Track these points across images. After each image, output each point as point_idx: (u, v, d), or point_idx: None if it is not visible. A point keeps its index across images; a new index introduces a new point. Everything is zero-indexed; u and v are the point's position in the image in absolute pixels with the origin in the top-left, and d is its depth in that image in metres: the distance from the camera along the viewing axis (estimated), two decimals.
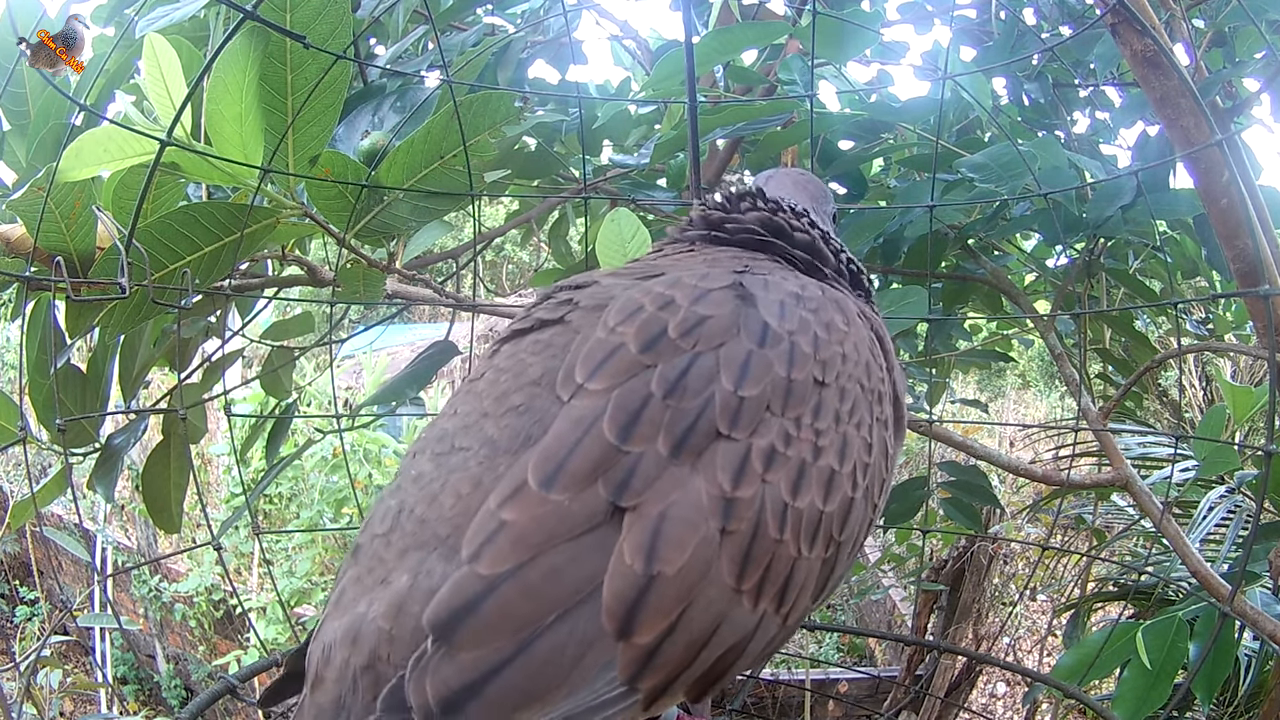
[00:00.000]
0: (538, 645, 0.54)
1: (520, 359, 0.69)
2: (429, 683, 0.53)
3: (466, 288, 2.19)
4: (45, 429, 1.29)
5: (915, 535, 2.08)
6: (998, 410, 7.72)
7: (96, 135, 1.04)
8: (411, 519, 0.63)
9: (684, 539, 0.56)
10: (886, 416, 0.71)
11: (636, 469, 0.57)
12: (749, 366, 0.62)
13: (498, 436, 0.64)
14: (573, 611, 0.55)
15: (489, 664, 0.53)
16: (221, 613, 5.31)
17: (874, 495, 0.68)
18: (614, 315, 0.66)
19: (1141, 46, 1.16)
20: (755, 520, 0.58)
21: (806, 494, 0.61)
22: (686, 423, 0.59)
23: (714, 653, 0.58)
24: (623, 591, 0.55)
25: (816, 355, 0.65)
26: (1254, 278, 1.23)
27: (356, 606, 0.60)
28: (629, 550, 0.55)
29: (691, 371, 0.61)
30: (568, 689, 0.54)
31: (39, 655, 1.66)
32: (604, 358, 0.63)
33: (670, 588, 0.55)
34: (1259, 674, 1.91)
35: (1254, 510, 1.12)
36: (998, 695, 4.58)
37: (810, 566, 0.62)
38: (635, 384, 0.61)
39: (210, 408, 1.57)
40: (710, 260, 0.78)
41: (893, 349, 0.78)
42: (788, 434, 0.61)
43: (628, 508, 0.57)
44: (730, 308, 0.65)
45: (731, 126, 1.53)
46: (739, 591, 0.58)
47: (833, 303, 0.70)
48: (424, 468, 0.66)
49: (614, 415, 0.59)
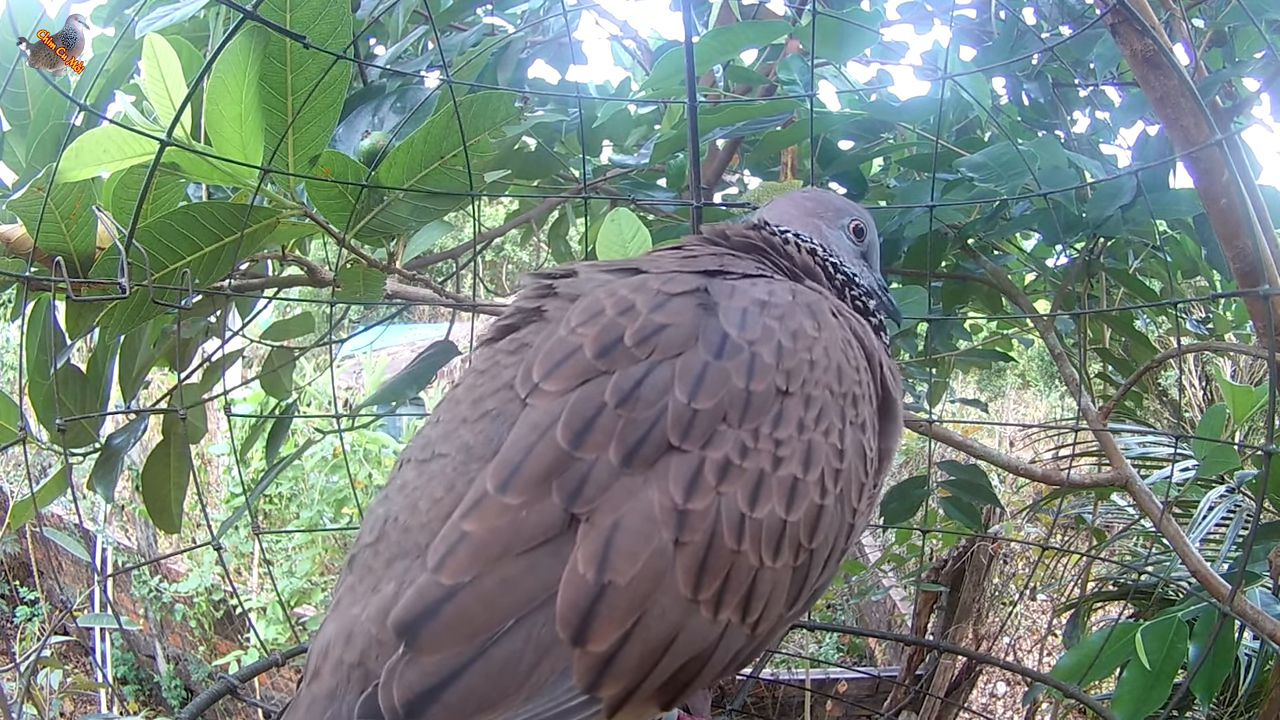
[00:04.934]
0: (495, 650, 0.56)
1: (495, 360, 0.70)
2: (396, 687, 0.55)
3: (466, 288, 2.19)
4: (45, 429, 1.29)
5: (915, 535, 2.08)
6: (998, 410, 7.72)
7: (96, 135, 1.04)
8: (396, 528, 0.64)
9: (636, 550, 0.57)
10: (864, 419, 0.70)
11: (589, 476, 0.59)
12: (704, 378, 0.62)
13: (473, 442, 0.65)
14: (528, 618, 0.56)
15: (449, 668, 0.55)
16: (221, 613, 5.31)
17: (851, 499, 0.68)
18: (576, 315, 0.67)
19: (1141, 46, 1.16)
20: (710, 531, 0.59)
21: (765, 504, 0.61)
22: (638, 434, 0.60)
23: (675, 661, 0.59)
24: (575, 600, 0.56)
25: (780, 364, 0.65)
26: (1254, 278, 1.23)
27: (351, 610, 0.62)
28: (582, 560, 0.57)
29: (646, 382, 0.62)
30: (525, 694, 0.56)
31: (39, 655, 1.66)
32: (561, 359, 0.64)
33: (622, 597, 0.56)
34: (1259, 674, 1.91)
35: (1254, 510, 1.12)
36: (998, 695, 4.58)
37: (777, 576, 0.62)
38: (590, 390, 0.62)
39: (210, 408, 1.57)
40: (685, 258, 0.78)
41: (880, 346, 0.77)
42: (744, 445, 0.62)
43: (581, 516, 0.58)
44: (690, 316, 0.65)
45: (731, 126, 1.53)
46: (695, 601, 0.59)
47: (803, 307, 0.69)
48: (408, 476, 0.68)
49: (568, 421, 0.60)
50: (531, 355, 0.66)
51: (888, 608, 4.91)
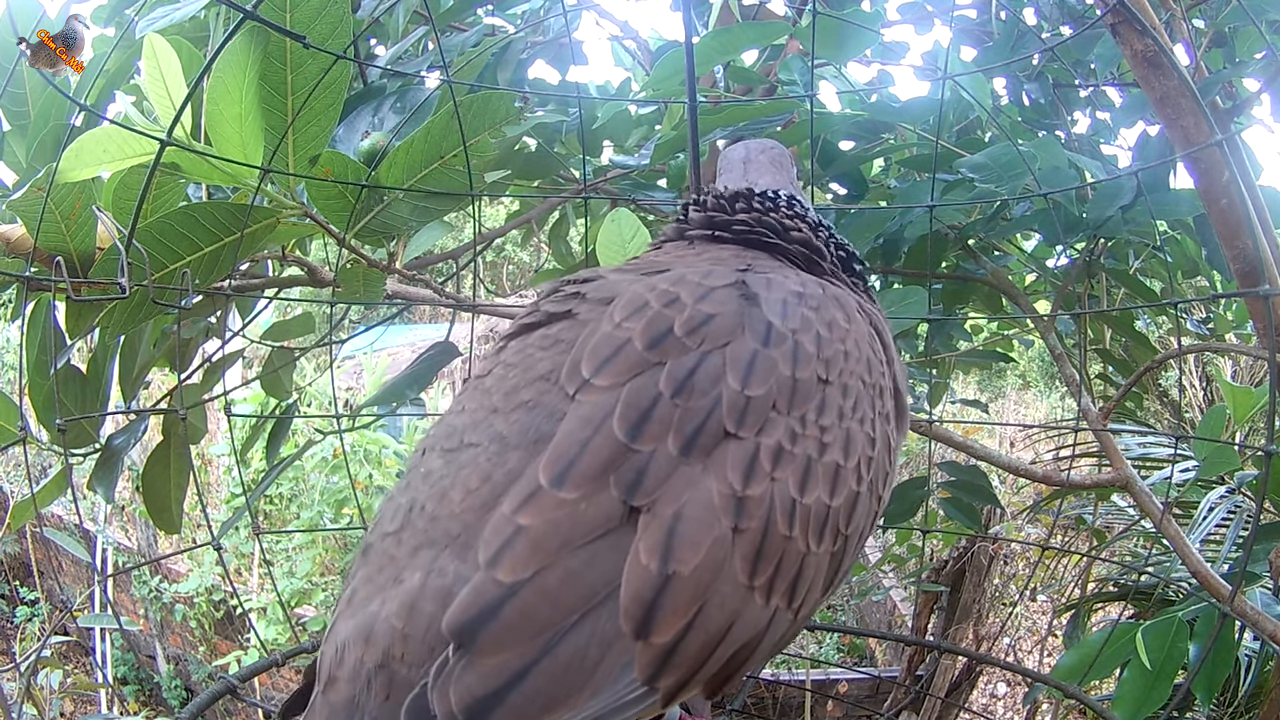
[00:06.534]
0: (560, 649, 0.54)
1: (528, 354, 0.69)
2: (453, 691, 0.53)
3: (467, 288, 2.19)
4: (45, 429, 1.29)
5: (915, 535, 2.08)
6: (998, 410, 7.72)
7: (96, 135, 1.04)
8: (423, 516, 0.62)
9: (698, 538, 0.56)
10: (888, 410, 0.72)
11: (648, 468, 0.58)
12: (754, 366, 0.62)
13: (507, 432, 0.64)
14: (592, 614, 0.55)
15: (512, 670, 0.53)
16: (222, 613, 5.31)
17: (878, 488, 0.69)
18: (620, 310, 0.66)
19: (1142, 46, 1.16)
20: (766, 518, 0.59)
21: (814, 490, 0.62)
22: (696, 422, 0.59)
23: (729, 649, 0.59)
24: (640, 592, 0.55)
25: (819, 354, 0.65)
26: (1254, 278, 1.23)
27: (369, 606, 0.60)
28: (645, 551, 0.55)
29: (699, 371, 0.61)
30: (591, 691, 0.54)
31: (39, 656, 1.66)
32: (610, 353, 0.63)
33: (686, 587, 0.55)
34: (1259, 674, 1.91)
35: (1254, 510, 1.12)
36: (998, 695, 4.58)
37: (819, 561, 0.63)
38: (643, 382, 0.61)
39: (210, 408, 1.57)
40: (713, 259, 0.78)
41: (892, 342, 0.78)
42: (794, 432, 0.62)
43: (640, 508, 0.57)
44: (734, 306, 0.65)
45: (731, 127, 1.53)
46: (751, 588, 0.58)
47: (833, 300, 0.71)
48: (433, 465, 0.66)
49: (624, 413, 0.59)
50: (578, 351, 0.65)
51: (888, 608, 4.91)
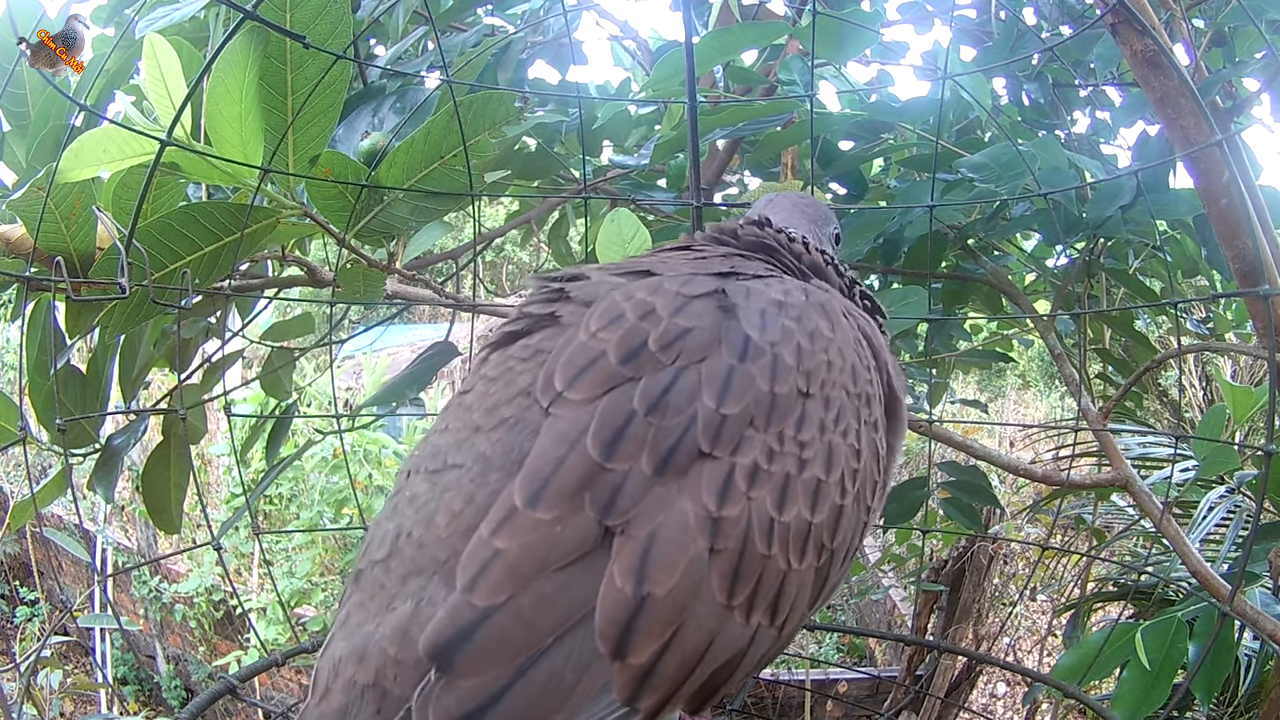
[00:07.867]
0: (535, 671, 0.54)
1: (509, 367, 0.69)
2: (432, 712, 0.54)
3: (466, 288, 2.19)
4: (45, 429, 1.29)
5: (915, 535, 2.08)
6: (998, 410, 7.73)
7: (96, 135, 1.04)
8: (410, 543, 0.63)
9: (673, 560, 0.56)
10: (875, 418, 0.70)
11: (622, 488, 0.58)
12: (731, 382, 0.61)
13: (490, 452, 0.63)
14: (568, 635, 0.55)
15: (489, 692, 0.54)
16: (221, 613, 5.31)
17: (866, 499, 0.68)
18: (595, 320, 0.66)
19: (1141, 46, 1.16)
20: (743, 537, 0.59)
21: (793, 507, 0.61)
22: (670, 441, 0.59)
23: (709, 668, 0.59)
24: (615, 614, 0.55)
25: (800, 366, 0.64)
26: (1254, 278, 1.23)
27: (364, 627, 0.61)
28: (619, 573, 0.56)
29: (674, 388, 0.61)
30: (567, 713, 0.55)
31: (39, 656, 1.66)
32: (584, 365, 0.63)
33: (661, 609, 0.56)
34: (1259, 674, 1.91)
35: (1254, 510, 1.12)
36: (998, 695, 4.58)
37: (802, 577, 0.62)
38: (618, 398, 0.61)
39: (210, 408, 1.57)
40: (698, 259, 0.77)
41: (884, 345, 0.77)
42: (771, 449, 0.61)
43: (615, 528, 0.57)
44: (711, 320, 0.65)
45: (731, 127, 1.53)
46: (730, 608, 0.58)
47: (817, 307, 0.69)
48: (418, 488, 0.66)
49: (598, 431, 0.59)
50: (551, 362, 0.64)
51: (888, 608, 4.91)
